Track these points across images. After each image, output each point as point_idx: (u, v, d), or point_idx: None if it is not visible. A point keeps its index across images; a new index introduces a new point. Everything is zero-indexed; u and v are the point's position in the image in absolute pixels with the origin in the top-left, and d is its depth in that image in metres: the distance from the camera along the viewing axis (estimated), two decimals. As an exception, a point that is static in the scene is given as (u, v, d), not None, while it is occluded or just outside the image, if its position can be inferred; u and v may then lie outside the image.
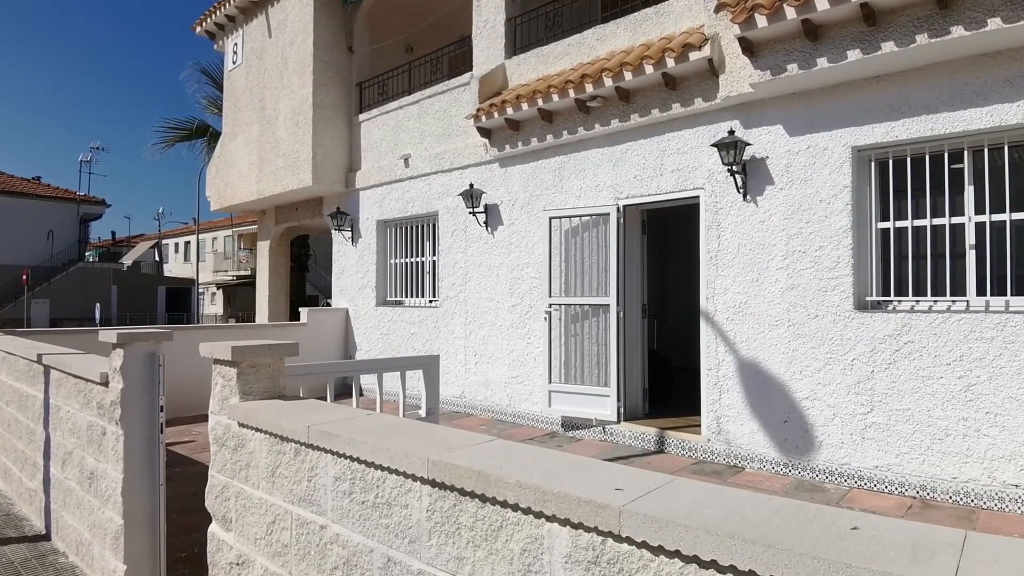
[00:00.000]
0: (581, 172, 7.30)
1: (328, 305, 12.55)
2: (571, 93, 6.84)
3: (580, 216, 7.12)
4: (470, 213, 8.30)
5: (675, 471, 5.87)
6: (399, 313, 9.80)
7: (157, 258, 47.03)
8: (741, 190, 6.06)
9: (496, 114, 7.56)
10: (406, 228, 10.04)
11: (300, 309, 10.74)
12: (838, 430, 5.42)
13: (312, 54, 10.35)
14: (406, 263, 10.08)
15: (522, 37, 8.17)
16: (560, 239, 7.26)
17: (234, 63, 12.63)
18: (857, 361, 5.33)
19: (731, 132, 5.93)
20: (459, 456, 1.62)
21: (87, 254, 38.22)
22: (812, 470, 5.58)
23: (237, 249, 38.69)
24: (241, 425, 2.30)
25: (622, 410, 6.90)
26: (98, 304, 30.32)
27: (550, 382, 7.21)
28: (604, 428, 6.98)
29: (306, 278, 17.55)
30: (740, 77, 5.83)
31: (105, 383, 3.33)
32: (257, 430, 2.20)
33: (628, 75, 6.37)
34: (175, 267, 46.00)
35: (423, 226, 9.74)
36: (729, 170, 5.99)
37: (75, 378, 3.66)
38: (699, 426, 6.45)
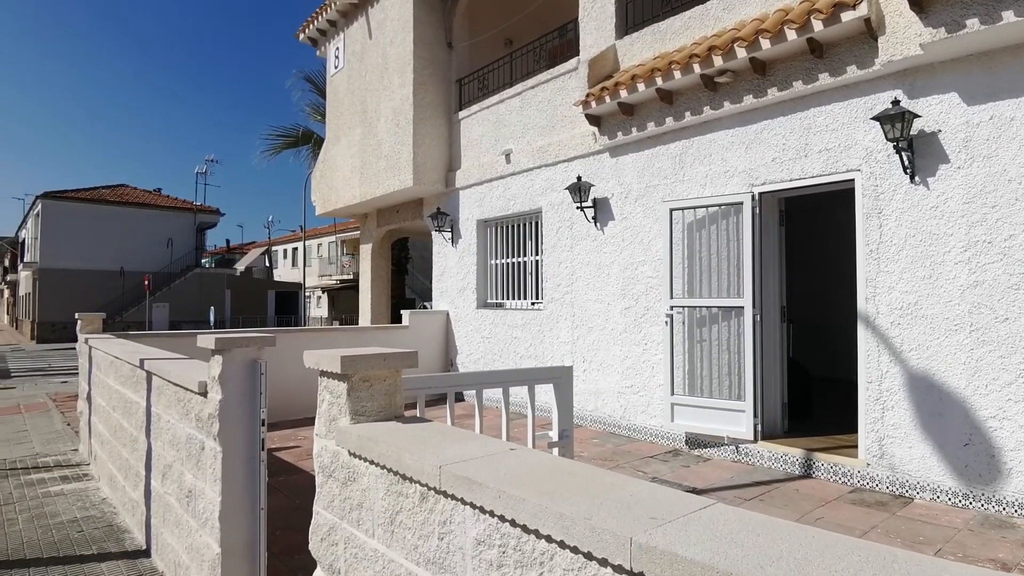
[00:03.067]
0: (707, 157, 6.53)
1: (425, 308, 12.37)
2: (696, 68, 6.11)
3: (707, 207, 6.36)
4: (577, 208, 7.71)
5: (829, 501, 5.02)
6: (500, 316, 9.36)
7: (267, 264, 49.70)
8: (908, 170, 5.11)
9: (608, 98, 6.93)
10: (507, 227, 9.60)
11: (401, 312, 10.55)
12: (1040, 458, 4.41)
13: (412, 52, 10.14)
14: (507, 264, 9.63)
15: (634, 15, 7.50)
16: (682, 233, 6.52)
17: (336, 68, 12.72)
18: (1075, 375, 4.29)
19: (895, 102, 5.01)
20: (678, 537, 1.04)
21: (203, 260, 40.78)
22: (999, 502, 4.59)
23: (340, 254, 40.12)
24: (352, 455, 1.83)
25: (759, 427, 6.07)
26: (212, 307, 32.17)
27: (672, 394, 6.48)
28: (737, 447, 6.17)
29: (405, 281, 17.60)
30: (905, 37, 4.91)
31: (203, 393, 3.01)
32: (372, 463, 1.72)
33: (765, 43, 5.57)
34: (284, 272, 48.38)
35: (525, 224, 9.25)
36: (895, 147, 5.07)
37: (175, 386, 3.40)
38: (854, 447, 5.53)
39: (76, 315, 7.20)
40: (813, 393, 7.27)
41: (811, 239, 10.09)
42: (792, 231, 6.73)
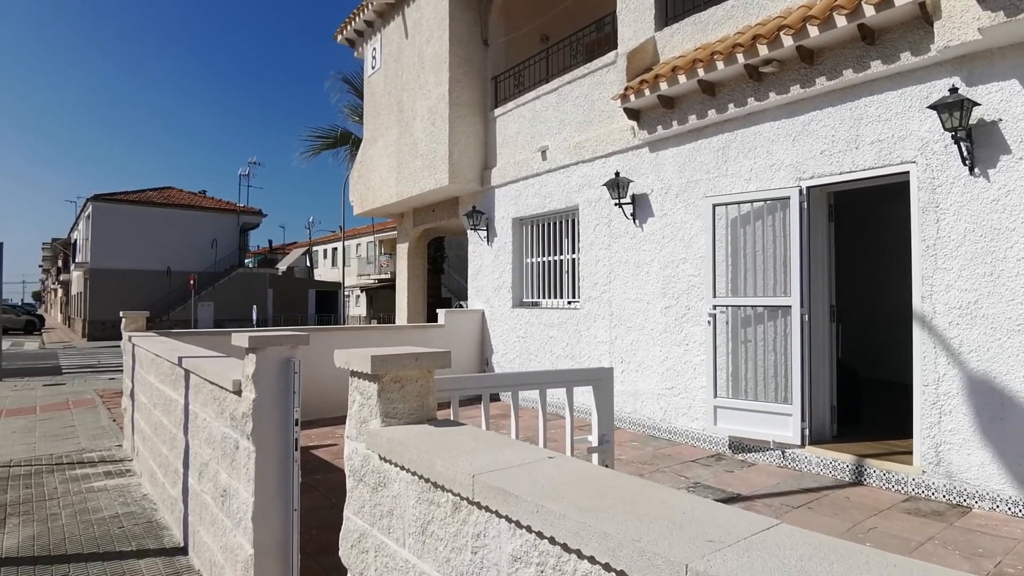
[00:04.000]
0: (751, 151, 6.31)
1: (460, 307, 12.33)
2: (740, 58, 5.90)
3: (751, 202, 6.14)
4: (616, 205, 7.54)
5: (882, 510, 4.77)
6: (536, 315, 9.24)
7: (308, 263, 50.62)
8: (967, 162, 4.82)
9: (647, 91, 6.75)
10: (543, 225, 9.48)
11: (437, 310, 10.53)
12: None
13: (448, 50, 10.10)
14: (543, 262, 9.51)
15: (674, 6, 7.30)
16: (726, 230, 6.31)
17: (373, 68, 12.79)
18: None
19: (953, 89, 4.73)
20: (740, 564, 0.91)
21: (247, 260, 41.68)
22: (1067, 514, 4.29)
23: (378, 254, 40.60)
24: (383, 459, 1.75)
25: (807, 431, 5.82)
26: (255, 306, 32.88)
27: (715, 396, 6.27)
28: (784, 452, 5.93)
29: (441, 280, 17.64)
30: (962, 22, 4.63)
31: (237, 391, 2.98)
32: (403, 468, 1.63)
33: (813, 31, 5.33)
34: (324, 272, 49.19)
35: (561, 222, 9.12)
36: (953, 137, 4.80)
37: (210, 384, 3.39)
38: (908, 454, 5.26)
39: (121, 314, 7.36)
40: (862, 396, 6.96)
41: (857, 235, 9.71)
42: (837, 227, 6.43)
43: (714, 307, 6.33)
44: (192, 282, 32.91)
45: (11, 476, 5.64)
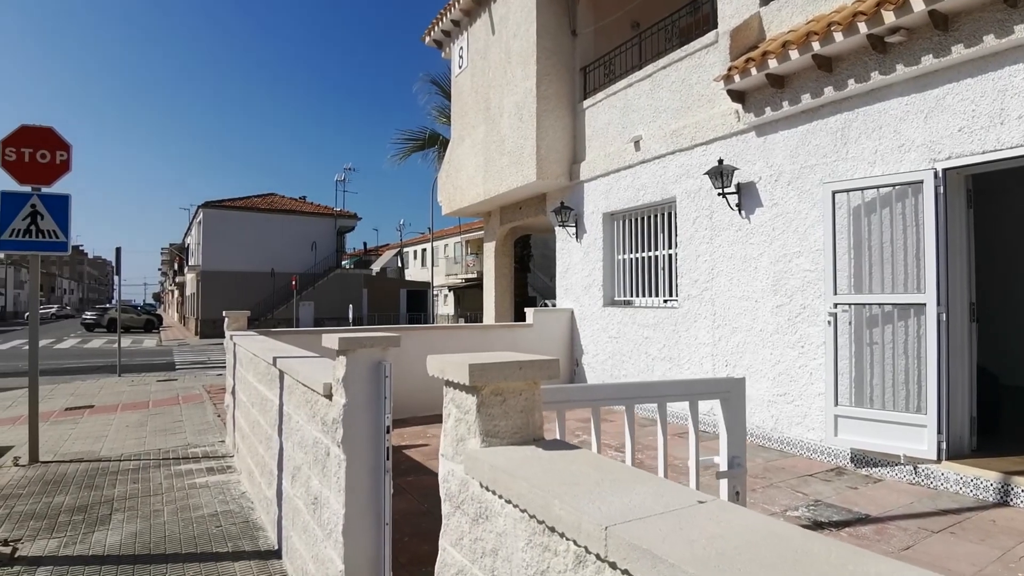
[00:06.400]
0: (876, 130, 5.64)
1: (545, 306, 12.05)
2: (862, 28, 5.27)
3: (877, 187, 5.48)
4: (719, 195, 7.00)
5: (1041, 538, 4.07)
6: (629, 314, 8.81)
7: (399, 264, 52.10)
8: None
9: (754, 70, 6.21)
10: (636, 220, 9.03)
11: (525, 309, 10.30)
12: None
13: (535, 43, 9.84)
14: (636, 258, 9.06)
15: (783, -23, 6.69)
16: (847, 219, 5.68)
17: (460, 67, 12.75)
18: None
19: None
20: None
21: (343, 262, 43.35)
22: None
23: (465, 254, 41.13)
24: (484, 487, 1.49)
25: (943, 445, 5.13)
26: (351, 305, 34.10)
27: (836, 404, 5.66)
28: (915, 468, 5.26)
29: (527, 279, 17.43)
30: None
31: (328, 395, 2.84)
32: (509, 502, 1.36)
33: (952, -10, 4.66)
34: (414, 272, 50.45)
35: (656, 216, 8.64)
36: None
37: (303, 386, 3.28)
38: (1072, 474, 4.50)
39: (224, 313, 7.60)
40: (1003, 405, 6.12)
41: (994, 223, 8.62)
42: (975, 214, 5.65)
43: (835, 306, 5.71)
44: (294, 283, 34.57)
45: (120, 470, 5.88)
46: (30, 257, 6.50)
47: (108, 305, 46.44)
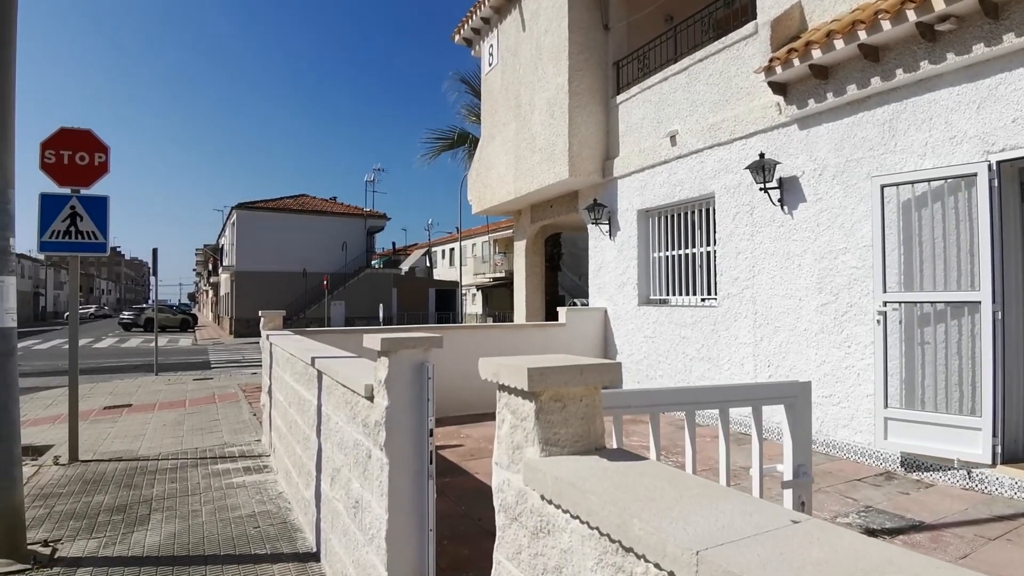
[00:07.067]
0: (926, 121, 5.41)
1: (575, 305, 11.91)
2: (911, 15, 5.06)
3: (928, 180, 5.26)
4: (760, 189, 6.81)
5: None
6: (665, 314, 8.64)
7: (428, 264, 52.36)
8: None
9: (796, 61, 6.01)
10: (672, 216, 8.85)
11: (557, 309, 10.19)
12: None
13: (567, 38, 9.72)
14: (672, 256, 8.89)
15: (826, -36, 6.47)
16: (896, 214, 5.46)
17: (490, 65, 12.68)
18: None
19: None
20: None
21: (373, 262, 43.74)
22: None
23: (493, 253, 41.13)
24: (546, 500, 1.41)
25: (999, 448, 4.90)
26: (381, 304, 34.36)
27: (886, 407, 5.45)
28: (969, 472, 5.03)
29: (558, 278, 17.30)
30: None
31: (370, 397, 2.78)
32: (576, 517, 1.27)
33: (1012, -29, 4.43)
34: (442, 271, 50.65)
35: (693, 212, 8.46)
36: None
37: (342, 387, 3.23)
38: None
39: (259, 312, 7.65)
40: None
41: None
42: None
43: (884, 304, 5.49)
44: (325, 282, 34.97)
45: (159, 470, 5.94)
46: (70, 258, 6.61)
47: (144, 305, 47.61)
